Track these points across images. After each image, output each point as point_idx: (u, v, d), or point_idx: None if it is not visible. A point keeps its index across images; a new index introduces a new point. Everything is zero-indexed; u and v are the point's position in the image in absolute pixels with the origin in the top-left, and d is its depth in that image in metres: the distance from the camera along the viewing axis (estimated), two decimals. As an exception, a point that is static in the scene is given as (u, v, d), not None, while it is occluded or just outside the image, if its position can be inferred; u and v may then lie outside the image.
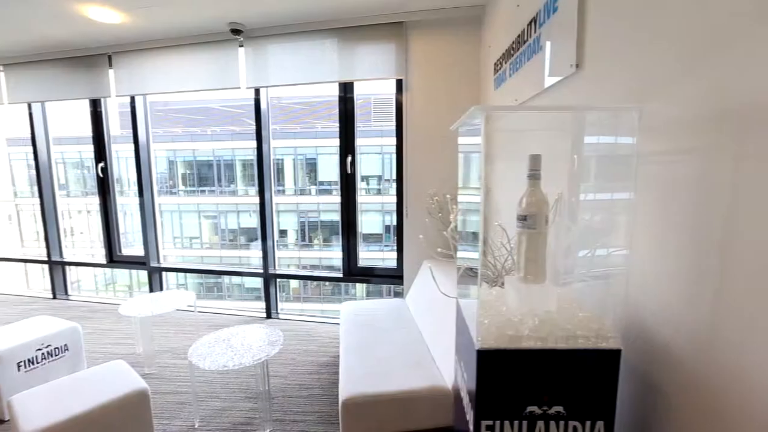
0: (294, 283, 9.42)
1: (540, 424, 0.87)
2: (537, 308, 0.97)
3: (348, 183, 3.09)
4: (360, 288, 9.37)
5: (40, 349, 2.18)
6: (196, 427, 2.00)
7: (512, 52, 1.99)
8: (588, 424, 0.87)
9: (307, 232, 10.03)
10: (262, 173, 3.24)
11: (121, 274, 8.21)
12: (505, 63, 2.12)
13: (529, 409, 0.87)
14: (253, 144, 3.26)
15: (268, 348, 2.02)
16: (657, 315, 0.89)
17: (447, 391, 1.69)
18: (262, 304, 3.46)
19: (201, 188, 10.37)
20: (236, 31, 2.85)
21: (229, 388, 2.32)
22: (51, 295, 3.97)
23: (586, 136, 1.22)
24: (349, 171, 3.06)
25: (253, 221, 10.28)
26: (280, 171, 10.00)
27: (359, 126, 3.10)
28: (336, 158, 3.04)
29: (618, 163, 1.04)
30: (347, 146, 3.05)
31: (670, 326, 0.84)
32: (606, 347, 0.85)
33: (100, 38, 3.05)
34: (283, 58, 2.90)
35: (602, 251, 1.10)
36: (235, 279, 9.57)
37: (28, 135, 3.77)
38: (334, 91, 3.06)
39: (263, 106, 3.14)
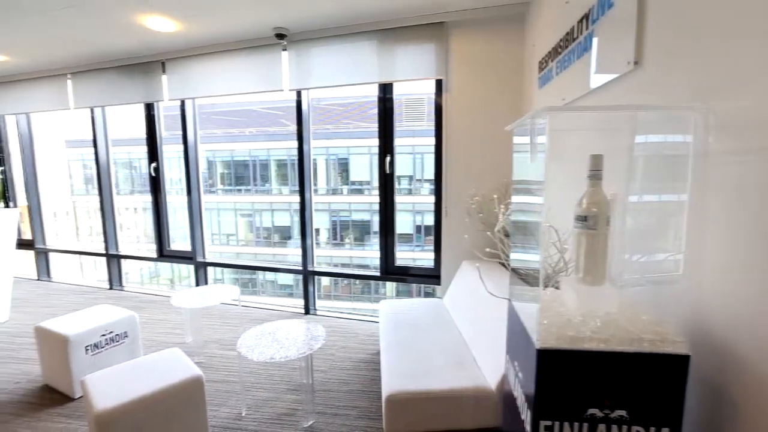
0: (325, 281, 9.61)
1: (601, 427, 0.86)
2: (596, 310, 0.96)
3: (386, 183, 3.13)
4: (390, 287, 9.43)
5: (104, 335, 2.36)
6: (243, 415, 2.09)
7: (559, 50, 1.95)
8: (653, 430, 0.85)
9: (339, 231, 10.19)
10: (302, 173, 3.34)
11: (164, 267, 8.69)
12: (551, 61, 2.08)
13: (591, 411, 0.86)
14: (288, 144, 3.37)
15: (311, 342, 2.08)
16: (728, 321, 0.86)
17: (490, 392, 1.68)
18: (296, 301, 3.58)
19: (237, 187, 10.81)
20: (280, 36, 2.95)
21: (272, 379, 2.41)
22: (108, 286, 4.27)
23: (644, 135, 1.19)
24: (387, 171, 3.10)
25: (286, 219, 10.58)
26: (313, 171, 10.20)
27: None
28: (368, 158, 3.10)
29: (678, 163, 1.01)
30: (386, 146, 3.09)
31: (743, 333, 0.81)
32: (674, 352, 0.83)
33: (156, 46, 3.25)
34: (324, 60, 2.98)
35: (663, 254, 1.07)
36: (269, 276, 9.87)
37: (85, 137, 4.07)
38: (369, 91, 3.11)
39: (304, 107, 3.24)
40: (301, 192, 3.36)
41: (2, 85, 4.15)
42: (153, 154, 3.89)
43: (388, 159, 3.08)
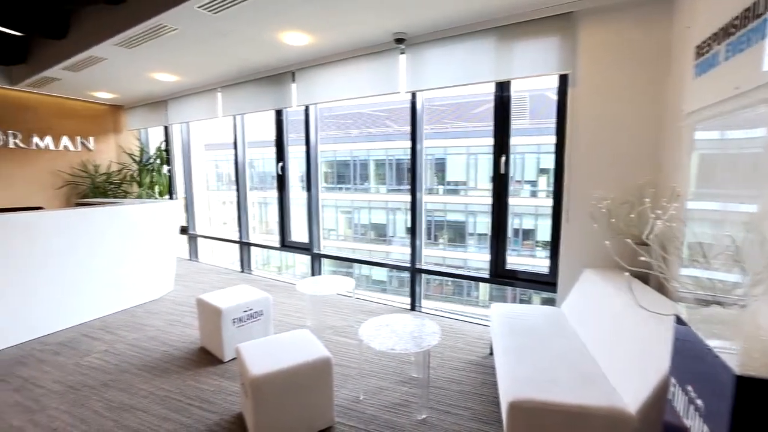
0: (416, 279, 9.75)
1: (825, 479, 0.72)
2: (814, 339, 0.80)
3: (500, 183, 3.03)
4: (483, 291, 9.13)
5: (246, 311, 2.74)
6: (360, 398, 2.23)
7: (732, 30, 1.66)
8: None
9: (433, 230, 10.23)
10: (414, 173, 3.42)
11: (274, 255, 9.70)
12: (718, 44, 1.78)
13: (809, 458, 0.73)
14: (388, 144, 3.48)
15: (428, 338, 2.13)
16: None
17: (628, 416, 1.52)
18: (397, 297, 3.72)
19: (339, 185, 11.58)
20: (399, 40, 3.06)
21: (386, 370, 2.52)
22: (240, 269, 4.95)
23: None
24: (502, 171, 3.00)
25: (382, 217, 10.98)
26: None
27: (480, 125, 3.01)
28: (464, 158, 3.02)
29: None
30: (501, 145, 2.99)
31: None
32: None
33: (288, 58, 3.66)
34: (440, 61, 3.01)
35: None
36: (365, 270, 10.37)
37: (217, 141, 4.76)
38: (478, 90, 3.04)
39: (418, 108, 3.31)
40: (413, 191, 3.45)
41: (173, 101, 5.13)
42: (280, 155, 4.38)
43: (503, 159, 2.99)
